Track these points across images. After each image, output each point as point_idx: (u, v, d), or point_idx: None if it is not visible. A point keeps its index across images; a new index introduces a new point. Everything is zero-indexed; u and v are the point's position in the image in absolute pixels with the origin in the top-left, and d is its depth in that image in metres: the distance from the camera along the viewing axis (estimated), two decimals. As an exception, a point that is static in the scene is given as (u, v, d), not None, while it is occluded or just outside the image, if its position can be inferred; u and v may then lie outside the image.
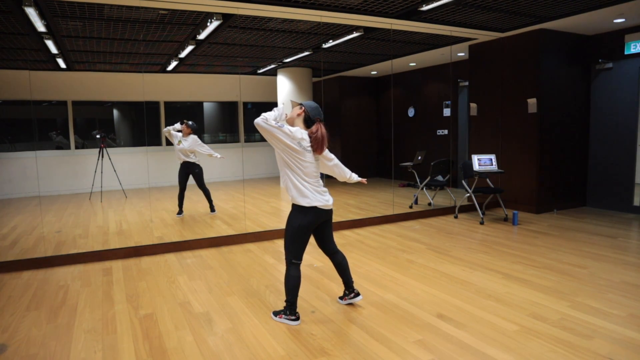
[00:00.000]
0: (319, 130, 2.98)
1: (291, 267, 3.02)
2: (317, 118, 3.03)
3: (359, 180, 3.44)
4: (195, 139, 6.70)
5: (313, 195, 2.95)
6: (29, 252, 4.93)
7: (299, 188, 2.94)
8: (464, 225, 5.95)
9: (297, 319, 3.02)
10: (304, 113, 3.05)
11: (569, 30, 6.41)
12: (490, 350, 2.58)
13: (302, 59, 8.49)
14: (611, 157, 6.58)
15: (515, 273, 3.93)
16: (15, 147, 9.31)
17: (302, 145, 2.93)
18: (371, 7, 5.17)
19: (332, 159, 3.23)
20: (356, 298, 3.31)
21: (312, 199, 2.94)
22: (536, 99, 6.33)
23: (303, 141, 2.94)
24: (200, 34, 5.97)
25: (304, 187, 2.94)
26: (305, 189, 2.94)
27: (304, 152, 2.93)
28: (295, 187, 2.95)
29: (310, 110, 3.04)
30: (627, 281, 3.68)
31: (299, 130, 2.97)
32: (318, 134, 2.97)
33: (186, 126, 6.66)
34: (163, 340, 2.82)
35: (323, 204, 2.98)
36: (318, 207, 2.96)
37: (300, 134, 2.95)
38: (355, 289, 3.33)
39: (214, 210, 6.91)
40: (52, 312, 3.31)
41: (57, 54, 7.18)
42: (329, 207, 3.04)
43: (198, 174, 6.71)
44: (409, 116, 10.26)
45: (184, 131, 6.65)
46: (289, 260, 3.03)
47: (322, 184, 3.08)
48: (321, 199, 2.99)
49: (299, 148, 2.91)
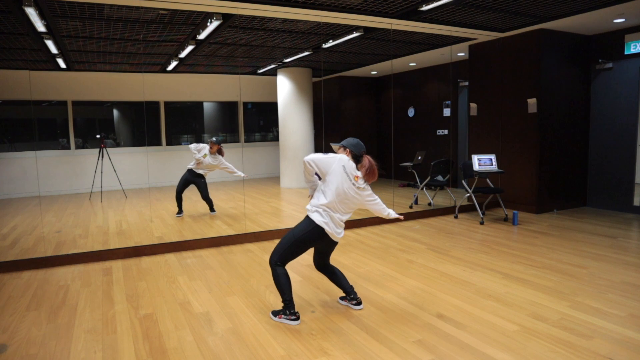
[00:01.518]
0: (369, 162, 3.06)
1: (276, 267, 3.04)
2: (362, 152, 3.09)
3: (397, 217, 3.36)
4: (222, 159, 6.63)
5: (329, 221, 3.00)
6: (29, 252, 4.93)
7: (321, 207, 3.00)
8: (464, 225, 5.94)
9: (297, 318, 3.01)
10: (350, 153, 3.09)
11: (569, 30, 6.41)
12: (490, 350, 2.58)
13: (302, 59, 8.49)
14: (611, 157, 6.58)
15: (515, 273, 3.93)
16: (15, 147, 9.31)
17: (347, 173, 2.99)
18: (371, 7, 5.17)
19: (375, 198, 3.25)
20: (357, 306, 3.25)
21: (325, 222, 2.98)
22: (536, 99, 6.33)
23: (351, 171, 3.01)
24: (200, 34, 5.97)
25: (326, 209, 2.99)
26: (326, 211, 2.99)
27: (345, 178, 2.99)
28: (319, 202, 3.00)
29: (354, 148, 3.08)
30: (627, 281, 3.68)
31: (349, 163, 3.04)
32: (368, 166, 3.04)
33: (213, 143, 6.53)
34: (163, 340, 2.82)
35: (331, 231, 3.02)
36: (325, 230, 3.00)
37: (349, 165, 3.02)
38: (357, 297, 3.27)
39: (214, 211, 6.91)
40: (52, 312, 3.31)
41: (57, 54, 7.18)
42: (336, 238, 3.09)
43: (203, 185, 6.69)
44: (409, 116, 10.26)
45: (212, 147, 6.52)
46: (274, 262, 3.05)
47: (343, 221, 3.12)
48: (334, 228, 3.03)
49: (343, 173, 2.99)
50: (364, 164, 3.05)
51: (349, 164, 3.01)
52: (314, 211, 3.01)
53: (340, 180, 2.97)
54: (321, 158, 3.01)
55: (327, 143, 11.46)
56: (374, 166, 3.06)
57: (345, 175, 2.98)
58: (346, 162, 3.01)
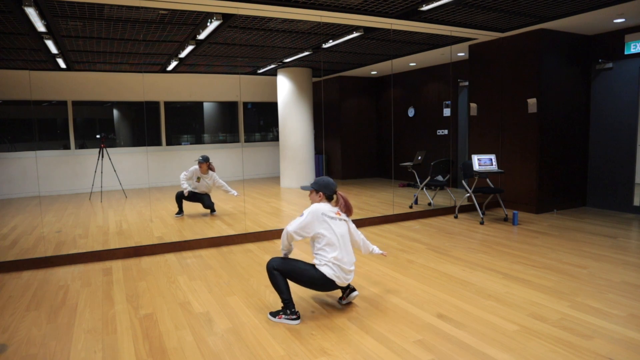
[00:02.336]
0: (342, 199, 3.21)
1: (273, 270, 3.07)
2: (334, 190, 3.20)
3: (381, 253, 3.46)
4: (215, 176, 6.68)
5: (339, 273, 3.04)
6: (29, 252, 4.93)
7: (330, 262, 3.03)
8: (464, 225, 5.95)
9: (297, 318, 3.01)
10: (323, 195, 3.18)
11: (569, 30, 6.41)
12: (490, 350, 2.58)
13: (302, 59, 8.49)
14: (611, 157, 6.58)
15: (515, 273, 3.93)
16: (15, 147, 9.31)
17: (327, 215, 3.08)
18: (371, 7, 5.17)
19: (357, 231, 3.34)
20: (352, 293, 3.29)
21: (336, 276, 3.03)
22: (536, 99, 6.33)
23: (329, 212, 3.09)
24: (200, 34, 5.97)
25: (336, 262, 3.02)
26: (335, 264, 3.03)
27: (331, 220, 3.06)
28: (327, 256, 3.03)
29: (326, 190, 3.18)
30: (627, 281, 3.68)
31: (324, 206, 3.12)
32: (342, 203, 3.19)
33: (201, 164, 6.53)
34: (163, 340, 2.82)
35: (341, 282, 3.08)
36: (336, 282, 3.06)
37: (325, 208, 3.10)
38: (349, 285, 3.31)
39: (214, 211, 6.92)
40: (52, 312, 3.31)
41: (57, 54, 7.18)
42: (345, 284, 3.16)
43: (207, 197, 6.77)
44: (409, 116, 10.26)
45: (202, 168, 6.55)
46: (272, 267, 3.08)
47: (352, 262, 3.14)
48: (342, 277, 3.07)
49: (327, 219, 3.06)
50: (339, 203, 3.19)
51: (325, 208, 3.10)
52: (324, 264, 3.04)
53: (329, 225, 3.05)
54: (302, 224, 3.05)
55: (327, 143, 11.47)
56: (348, 202, 3.21)
57: (329, 218, 3.07)
58: (322, 208, 3.09)
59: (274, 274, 3.05)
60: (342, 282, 3.08)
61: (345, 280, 3.09)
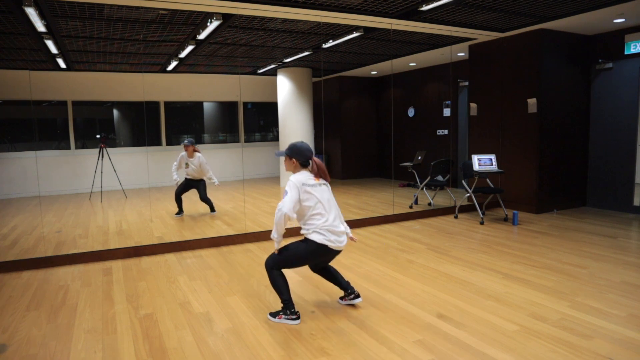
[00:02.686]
0: (316, 165, 3.08)
1: (272, 271, 3.05)
2: (309, 156, 3.08)
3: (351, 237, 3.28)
4: (202, 159, 6.63)
5: (330, 236, 2.98)
6: (29, 252, 4.93)
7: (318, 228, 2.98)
8: (464, 225, 5.95)
9: (297, 318, 3.01)
10: (297, 163, 3.08)
11: (569, 30, 6.41)
12: (490, 350, 2.58)
13: (302, 59, 8.49)
14: (611, 157, 6.58)
15: (515, 273, 3.93)
16: (15, 147, 9.31)
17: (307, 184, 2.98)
18: (371, 7, 5.17)
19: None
20: (356, 299, 3.27)
21: (327, 240, 2.97)
22: (536, 99, 6.33)
23: (309, 180, 3.01)
24: (200, 34, 5.97)
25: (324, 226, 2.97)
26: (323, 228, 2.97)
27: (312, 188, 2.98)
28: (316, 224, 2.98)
29: (300, 157, 3.06)
30: (627, 281, 3.68)
31: (301, 175, 3.03)
32: (316, 169, 3.07)
33: (187, 146, 6.52)
34: (163, 340, 2.82)
35: (336, 245, 3.00)
36: (329, 247, 2.98)
37: (303, 177, 3.01)
38: (355, 290, 3.29)
39: (214, 211, 6.92)
40: (52, 312, 3.31)
41: (57, 54, 7.18)
42: (341, 247, 3.06)
43: (202, 186, 6.73)
44: (409, 116, 10.26)
45: (188, 151, 6.53)
46: (270, 267, 3.05)
47: (340, 222, 3.09)
48: (335, 240, 3.00)
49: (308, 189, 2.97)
50: (312, 169, 3.08)
51: (302, 177, 3.01)
52: (312, 232, 2.99)
53: (312, 194, 2.97)
54: (292, 201, 2.93)
55: (327, 143, 11.47)
56: (322, 167, 3.09)
57: (310, 186, 2.99)
58: (300, 178, 2.99)
59: (274, 274, 3.03)
60: (335, 246, 2.99)
61: (338, 242, 3.01)
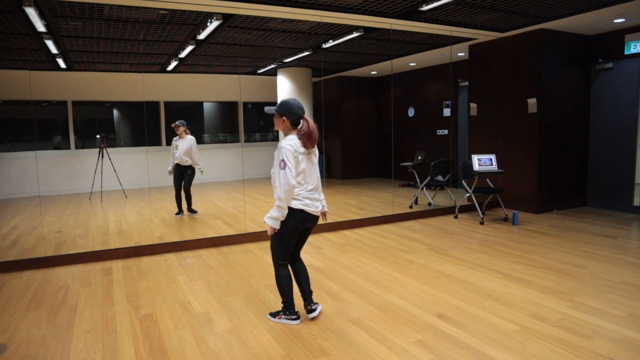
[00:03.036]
0: (308, 125, 2.86)
1: (279, 268, 3.00)
2: (300, 115, 2.88)
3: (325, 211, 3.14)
4: (193, 141, 6.54)
5: (307, 202, 2.89)
6: (29, 252, 4.93)
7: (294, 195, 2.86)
8: (464, 225, 5.94)
9: (297, 318, 3.01)
10: (287, 121, 2.89)
11: (569, 30, 6.41)
12: (490, 350, 2.58)
13: (302, 59, 8.49)
14: (611, 157, 6.58)
15: (515, 273, 3.93)
16: (15, 147, 9.31)
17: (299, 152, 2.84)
18: (371, 7, 5.17)
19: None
20: (309, 314, 3.07)
21: (303, 204, 2.87)
22: (536, 99, 6.33)
23: (300, 148, 2.85)
24: (200, 34, 5.97)
25: (299, 192, 2.87)
26: (299, 194, 2.86)
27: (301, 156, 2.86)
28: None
29: (290, 115, 2.87)
30: (627, 281, 3.68)
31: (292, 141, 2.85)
32: (306, 130, 2.85)
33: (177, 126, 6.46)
34: (163, 340, 2.82)
35: (312, 209, 2.91)
36: (305, 210, 2.88)
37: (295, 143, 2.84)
38: (312, 305, 3.09)
39: (194, 212, 6.83)
40: (52, 312, 3.31)
41: (57, 54, 7.18)
42: (317, 213, 2.96)
43: (190, 175, 6.66)
44: (409, 116, 10.26)
45: (177, 130, 6.46)
46: (276, 263, 3.01)
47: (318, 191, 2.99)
48: (310, 204, 2.90)
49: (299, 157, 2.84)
50: (302, 129, 2.85)
51: (294, 143, 2.82)
52: (297, 200, 2.87)
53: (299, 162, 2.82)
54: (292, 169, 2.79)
55: (327, 143, 11.47)
56: (312, 130, 2.86)
57: (300, 154, 2.83)
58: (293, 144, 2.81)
59: (280, 274, 2.98)
60: (311, 210, 2.89)
61: (314, 207, 2.91)
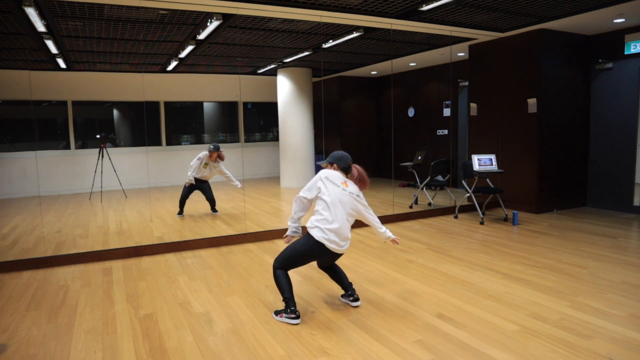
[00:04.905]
0: (357, 171, 3.20)
1: (277, 269, 3.10)
2: (349, 163, 3.20)
3: (393, 239, 3.29)
4: (222, 165, 6.74)
5: (330, 236, 2.99)
6: (29, 252, 4.93)
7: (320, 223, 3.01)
8: (464, 225, 5.94)
9: (297, 317, 3.01)
10: (338, 168, 3.20)
11: (569, 30, 6.41)
12: (490, 350, 2.58)
13: (302, 59, 8.49)
14: (611, 157, 6.58)
15: (515, 273, 3.93)
16: (15, 147, 9.31)
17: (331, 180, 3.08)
18: (371, 7, 5.17)
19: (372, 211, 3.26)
20: (354, 302, 3.27)
21: (325, 238, 2.98)
22: (536, 99, 6.33)
23: (336, 179, 3.10)
24: (200, 34, 5.97)
25: (326, 223, 3.00)
26: (326, 226, 3.00)
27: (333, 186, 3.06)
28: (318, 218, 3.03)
29: (340, 162, 3.20)
30: (627, 281, 3.68)
31: (332, 172, 3.15)
32: (357, 175, 3.18)
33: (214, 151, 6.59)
34: (163, 340, 2.82)
35: (333, 246, 3.02)
36: (327, 246, 3.00)
37: (332, 174, 3.12)
38: (355, 293, 3.29)
39: (216, 211, 6.93)
40: (52, 312, 3.31)
41: (57, 54, 7.18)
42: (340, 251, 3.08)
43: (208, 187, 6.78)
44: (409, 116, 10.26)
45: (212, 156, 6.59)
46: (277, 265, 3.10)
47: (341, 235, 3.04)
48: (334, 240, 3.00)
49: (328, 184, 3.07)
50: (353, 174, 3.18)
51: (332, 174, 3.12)
52: (314, 227, 3.02)
53: (329, 190, 3.04)
54: (308, 186, 3.13)
55: (327, 143, 11.46)
56: (362, 174, 3.19)
57: (331, 183, 3.07)
58: (328, 173, 3.12)
59: (277, 273, 3.08)
60: (332, 248, 2.99)
61: (337, 246, 3.00)
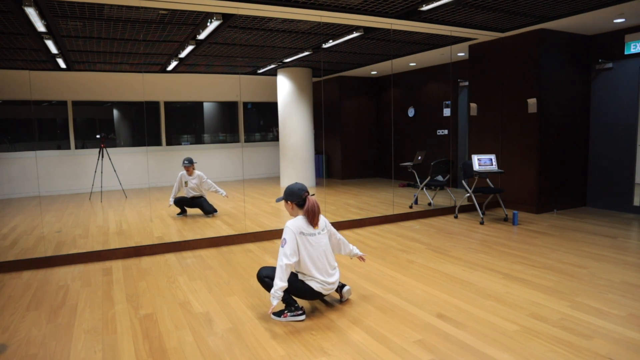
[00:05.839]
0: (308, 204, 3.06)
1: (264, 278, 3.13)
2: (303, 195, 3.09)
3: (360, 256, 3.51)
4: (202, 175, 6.74)
5: (324, 285, 3.09)
6: (29, 252, 4.93)
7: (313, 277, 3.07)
8: (464, 225, 5.94)
9: (303, 313, 3.04)
10: (293, 204, 3.13)
11: (569, 30, 6.41)
12: (490, 350, 2.58)
13: (302, 59, 8.49)
14: (611, 157, 6.58)
15: (515, 273, 3.93)
16: (15, 147, 9.31)
17: (304, 232, 3.03)
18: (371, 7, 5.17)
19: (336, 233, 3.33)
20: (344, 290, 3.33)
21: (322, 288, 3.08)
22: (536, 99, 6.33)
23: (306, 229, 3.05)
24: (200, 34, 5.97)
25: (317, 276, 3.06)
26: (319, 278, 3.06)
27: (309, 237, 3.04)
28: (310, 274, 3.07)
29: (293, 197, 3.10)
30: (627, 281, 3.68)
31: (298, 221, 3.05)
32: (309, 209, 3.05)
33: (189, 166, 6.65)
34: (163, 340, 2.82)
35: (328, 287, 3.11)
36: (322, 293, 3.13)
37: (300, 223, 3.04)
38: (340, 283, 3.35)
39: (216, 210, 6.93)
40: (52, 312, 3.31)
41: (57, 54, 7.18)
42: (332, 289, 3.17)
43: (205, 202, 6.78)
44: (409, 116, 10.26)
45: (189, 171, 6.66)
46: (262, 275, 3.13)
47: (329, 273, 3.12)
48: (327, 286, 3.10)
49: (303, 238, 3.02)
50: (306, 209, 3.06)
51: (299, 225, 3.02)
52: (310, 280, 3.08)
53: (309, 243, 3.03)
54: (290, 249, 2.93)
55: (327, 143, 11.47)
56: (314, 206, 3.06)
57: (305, 235, 3.02)
58: (295, 226, 3.00)
59: (265, 281, 3.10)
60: (328, 291, 3.13)
61: (332, 287, 3.14)
